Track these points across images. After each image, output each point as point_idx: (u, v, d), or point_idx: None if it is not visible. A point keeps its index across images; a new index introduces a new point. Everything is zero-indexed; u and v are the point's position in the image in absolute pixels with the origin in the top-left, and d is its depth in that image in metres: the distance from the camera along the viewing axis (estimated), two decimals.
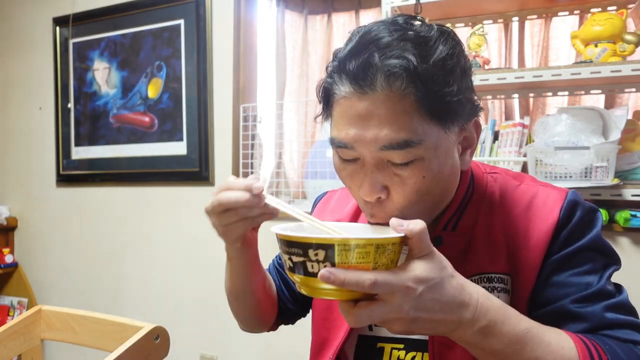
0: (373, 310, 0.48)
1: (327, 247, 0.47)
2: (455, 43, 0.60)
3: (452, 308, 0.50)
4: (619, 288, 0.64)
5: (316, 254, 0.48)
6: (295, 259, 0.50)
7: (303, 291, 0.53)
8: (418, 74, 0.55)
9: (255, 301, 0.79)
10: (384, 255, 0.48)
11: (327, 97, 0.63)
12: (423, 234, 0.50)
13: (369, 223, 0.65)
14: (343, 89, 0.58)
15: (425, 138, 0.57)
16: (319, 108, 0.67)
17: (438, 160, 0.59)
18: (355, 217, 0.80)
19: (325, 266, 0.47)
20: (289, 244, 0.50)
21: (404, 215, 0.58)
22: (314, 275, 0.48)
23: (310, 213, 0.88)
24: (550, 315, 0.62)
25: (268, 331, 0.88)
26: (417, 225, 0.50)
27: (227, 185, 0.61)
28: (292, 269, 0.51)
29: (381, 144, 0.57)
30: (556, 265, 0.63)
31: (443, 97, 0.56)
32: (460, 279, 0.53)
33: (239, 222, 0.62)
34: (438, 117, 0.57)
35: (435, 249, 0.52)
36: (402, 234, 0.50)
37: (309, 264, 0.49)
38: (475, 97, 0.64)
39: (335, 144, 0.61)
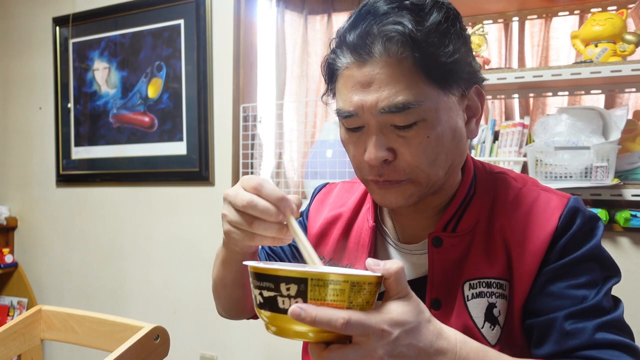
0: (345, 354, 0.45)
1: (299, 281, 0.45)
2: (450, 9, 0.61)
3: (429, 354, 0.49)
4: (616, 303, 0.62)
5: (288, 289, 0.45)
6: (266, 293, 0.47)
7: (271, 331, 0.49)
8: (413, 38, 0.57)
9: (245, 292, 0.76)
10: (359, 295, 0.46)
11: (331, 73, 0.66)
12: (400, 274, 0.48)
13: (375, 182, 0.64)
14: (345, 60, 0.61)
15: (425, 100, 0.58)
16: (321, 95, 0.68)
17: (440, 121, 0.60)
18: (357, 211, 0.78)
19: (296, 302, 0.45)
20: (260, 277, 0.47)
21: (416, 177, 0.61)
22: (284, 312, 0.45)
23: (309, 204, 0.87)
24: (541, 325, 0.61)
25: (248, 319, 0.86)
26: (394, 265, 0.48)
27: (259, 191, 0.54)
28: (262, 305, 0.48)
29: (381, 108, 0.58)
30: (553, 274, 0.62)
31: (439, 58, 0.58)
32: (437, 324, 0.51)
33: (246, 232, 0.56)
34: (436, 79, 0.59)
35: (412, 291, 0.50)
36: (379, 274, 0.48)
37: (279, 300, 0.46)
38: (475, 64, 0.65)
39: (341, 114, 0.63)
